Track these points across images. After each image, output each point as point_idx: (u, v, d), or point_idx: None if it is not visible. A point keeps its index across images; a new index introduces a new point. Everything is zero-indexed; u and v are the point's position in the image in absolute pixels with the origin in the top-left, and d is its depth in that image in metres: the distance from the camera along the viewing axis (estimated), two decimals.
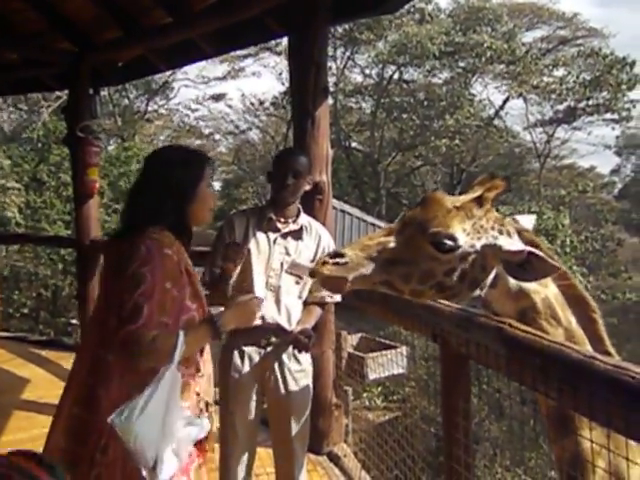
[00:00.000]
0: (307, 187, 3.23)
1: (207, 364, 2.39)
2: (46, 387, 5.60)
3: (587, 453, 2.02)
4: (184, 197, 2.23)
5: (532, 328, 2.11)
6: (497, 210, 2.22)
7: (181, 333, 2.04)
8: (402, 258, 2.08)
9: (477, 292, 2.16)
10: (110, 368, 2.12)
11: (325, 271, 2.05)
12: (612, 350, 2.13)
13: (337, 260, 2.05)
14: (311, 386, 3.25)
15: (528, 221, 2.32)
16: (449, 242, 2.05)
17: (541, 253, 2.02)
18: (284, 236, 3.14)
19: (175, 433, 2.03)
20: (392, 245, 2.09)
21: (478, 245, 2.08)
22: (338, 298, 3.28)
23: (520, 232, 2.15)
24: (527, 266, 2.03)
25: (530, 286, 2.11)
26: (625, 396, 1.70)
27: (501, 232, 2.11)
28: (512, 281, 2.11)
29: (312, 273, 2.12)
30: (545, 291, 2.13)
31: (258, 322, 2.79)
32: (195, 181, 2.24)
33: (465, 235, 2.07)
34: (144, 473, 1.97)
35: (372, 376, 6.16)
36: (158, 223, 2.16)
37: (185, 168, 2.25)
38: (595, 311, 2.16)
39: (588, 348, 2.08)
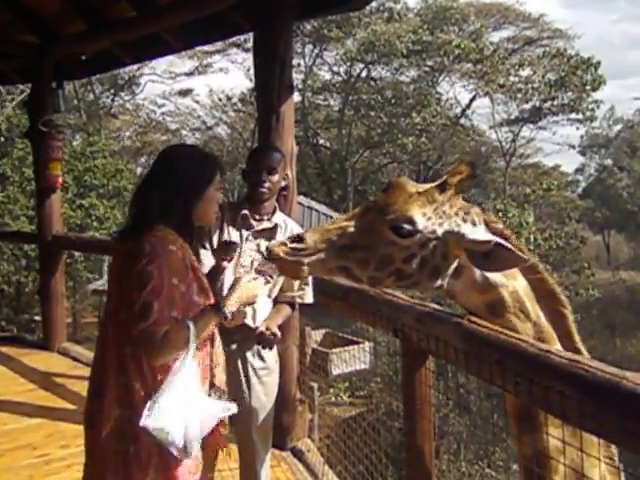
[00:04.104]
0: (283, 183, 3.22)
1: (220, 354, 2.45)
2: (6, 384, 5.52)
3: (550, 451, 2.00)
4: (194, 195, 2.25)
5: (500, 322, 2.09)
6: None
7: (191, 324, 2.06)
8: (361, 243, 2.03)
9: (439, 282, 2.08)
10: (138, 361, 2.15)
11: (280, 252, 2.01)
12: (582, 347, 2.10)
13: (295, 245, 2.02)
14: (276, 384, 3.23)
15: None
16: (407, 226, 2.00)
17: (509, 244, 1.97)
18: (257, 234, 3.12)
19: (200, 414, 2.08)
20: (352, 230, 2.04)
21: (439, 231, 2.03)
22: (309, 299, 3.26)
23: (488, 223, 2.09)
24: (492, 256, 1.98)
25: (497, 278, 2.05)
26: (579, 389, 1.73)
27: (465, 220, 2.05)
28: (478, 272, 2.05)
29: (268, 251, 2.06)
30: (513, 284, 2.07)
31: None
32: (208, 180, 2.28)
33: (425, 220, 2.02)
34: (175, 453, 2.03)
35: (335, 371, 6.18)
36: (164, 221, 2.19)
37: (201, 165, 2.29)
38: (565, 306, 2.12)
39: (557, 344, 2.07)
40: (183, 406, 2.02)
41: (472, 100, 28.53)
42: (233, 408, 2.18)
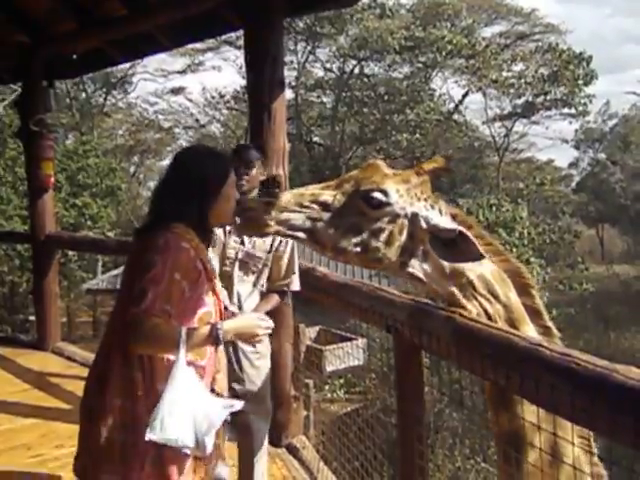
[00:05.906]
0: (261, 177, 3.35)
1: (222, 360, 2.47)
2: (1, 385, 5.49)
3: (525, 429, 2.03)
4: (210, 194, 2.28)
5: (471, 304, 2.14)
6: (457, 204, 2.23)
7: (183, 330, 2.06)
8: (332, 211, 2.11)
9: (404, 261, 2.14)
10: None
11: (251, 203, 2.15)
12: (551, 324, 2.16)
13: (268, 200, 2.10)
14: (268, 368, 3.34)
15: None
16: (379, 196, 2.08)
17: (471, 236, 2.03)
18: None
19: (206, 409, 2.07)
20: (324, 198, 2.12)
21: (409, 210, 2.11)
22: (296, 287, 3.38)
23: (454, 215, 2.17)
24: (452, 247, 2.05)
25: (464, 264, 2.11)
26: (570, 383, 1.73)
27: (433, 207, 2.13)
28: None
29: (240, 201, 2.20)
30: (479, 269, 2.13)
31: None
32: (222, 179, 2.31)
33: (398, 195, 2.10)
34: (189, 452, 2.06)
35: (329, 368, 6.18)
36: (182, 221, 2.22)
37: (214, 165, 2.32)
38: (531, 285, 2.18)
39: (528, 324, 2.13)
40: (186, 408, 2.02)
41: (465, 96, 28.57)
42: (237, 405, 2.17)
